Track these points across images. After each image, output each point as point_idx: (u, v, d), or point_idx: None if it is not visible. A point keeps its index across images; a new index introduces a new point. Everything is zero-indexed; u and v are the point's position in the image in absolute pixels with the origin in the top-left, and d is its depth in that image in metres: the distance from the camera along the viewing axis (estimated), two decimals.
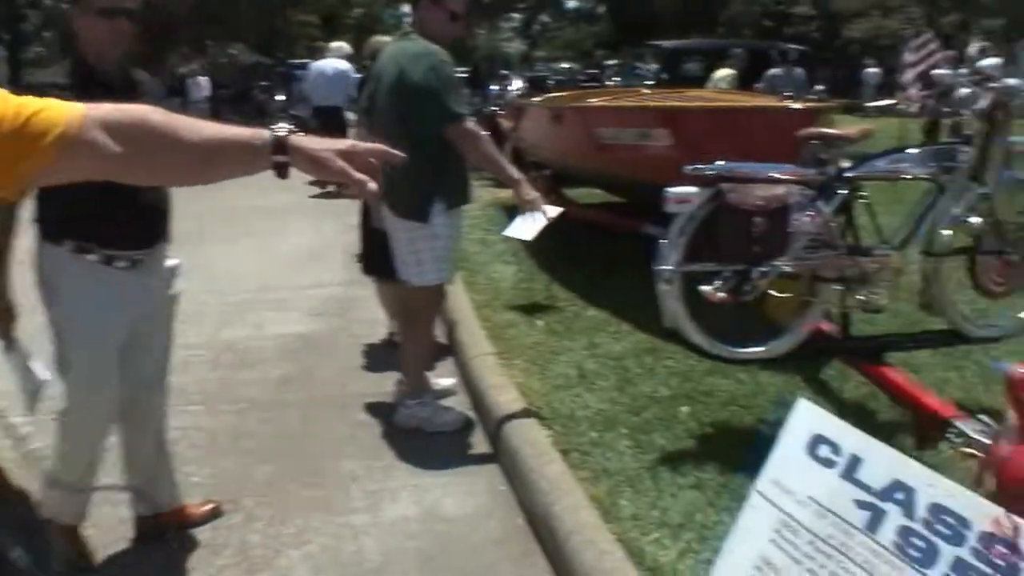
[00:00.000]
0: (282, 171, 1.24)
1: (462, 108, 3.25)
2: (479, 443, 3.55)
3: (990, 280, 3.22)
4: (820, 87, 9.45)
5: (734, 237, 2.93)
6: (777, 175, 2.97)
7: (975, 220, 3.09)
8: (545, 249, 5.01)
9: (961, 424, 2.56)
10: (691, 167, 2.96)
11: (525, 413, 3.38)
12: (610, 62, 21.03)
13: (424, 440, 3.52)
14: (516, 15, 32.83)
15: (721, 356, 3.13)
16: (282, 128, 1.24)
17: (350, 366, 4.47)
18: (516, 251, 6.15)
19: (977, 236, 3.15)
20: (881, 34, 29.40)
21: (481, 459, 3.40)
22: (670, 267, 2.95)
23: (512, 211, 7.65)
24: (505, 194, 9.03)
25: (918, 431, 2.85)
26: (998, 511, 1.23)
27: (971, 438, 2.46)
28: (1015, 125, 3.09)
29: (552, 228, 4.09)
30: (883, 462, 1.44)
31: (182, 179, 1.38)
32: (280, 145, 1.22)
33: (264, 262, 6.78)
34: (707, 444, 3.14)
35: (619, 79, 12.48)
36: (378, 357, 4.54)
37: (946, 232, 3.13)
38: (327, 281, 6.12)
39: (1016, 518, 1.20)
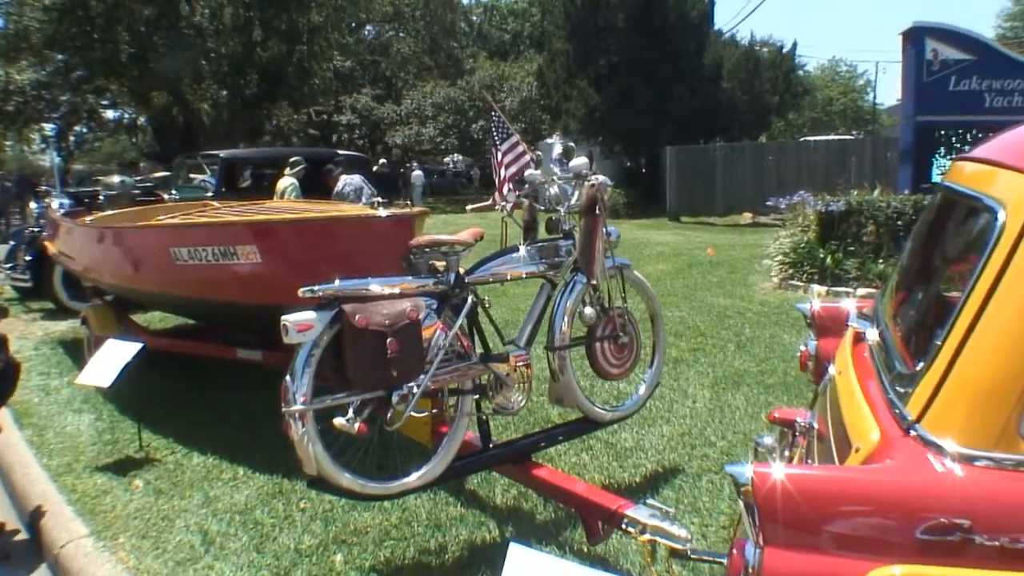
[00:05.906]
0: None
1: None
2: None
3: (608, 363, 3.38)
4: (376, 198, 9.65)
5: (366, 361, 2.62)
6: (398, 288, 2.77)
7: (587, 310, 3.22)
8: (124, 389, 4.23)
9: (633, 513, 2.55)
10: (305, 289, 2.61)
11: None
12: (159, 173, 19.63)
13: None
14: (47, 125, 29.30)
15: (375, 496, 2.78)
16: None
17: None
18: (88, 396, 5.25)
19: (590, 324, 3.29)
20: (421, 139, 32.27)
21: None
22: (299, 406, 2.53)
23: (76, 348, 6.47)
24: (59, 329, 7.66)
25: (588, 527, 2.81)
26: None
27: (647, 524, 2.47)
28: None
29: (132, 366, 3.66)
30: None
31: None
32: None
33: None
34: None
35: (175, 192, 11.53)
36: None
37: (563, 325, 3.21)
38: None
39: None
